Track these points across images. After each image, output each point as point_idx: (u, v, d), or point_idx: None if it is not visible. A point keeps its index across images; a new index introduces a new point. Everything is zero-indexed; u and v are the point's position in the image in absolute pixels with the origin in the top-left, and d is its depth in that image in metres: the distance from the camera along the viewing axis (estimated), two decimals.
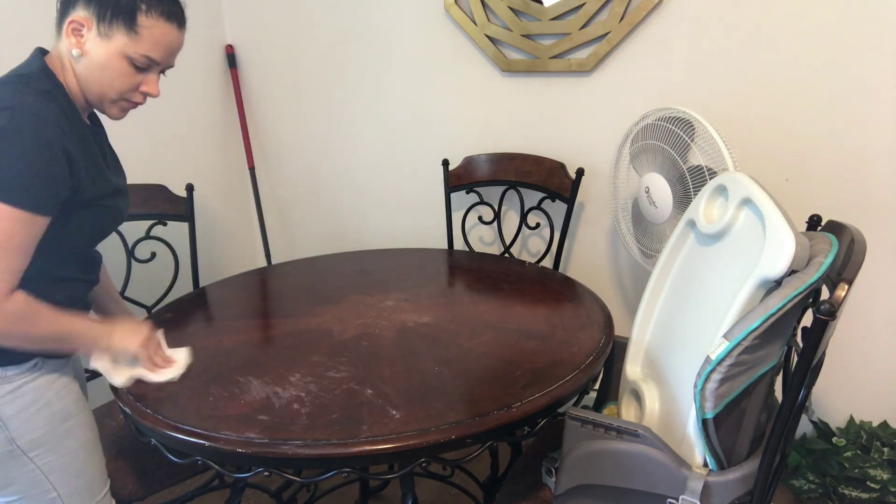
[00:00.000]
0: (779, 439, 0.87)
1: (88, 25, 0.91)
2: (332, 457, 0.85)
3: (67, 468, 0.97)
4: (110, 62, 0.93)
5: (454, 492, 1.77)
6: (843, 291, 0.77)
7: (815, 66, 1.44)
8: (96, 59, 0.92)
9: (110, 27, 0.91)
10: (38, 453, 0.94)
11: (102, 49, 0.92)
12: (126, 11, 0.91)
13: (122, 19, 0.91)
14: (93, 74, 0.93)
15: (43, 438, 0.94)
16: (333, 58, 2.04)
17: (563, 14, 1.66)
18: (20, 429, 0.91)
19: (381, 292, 1.39)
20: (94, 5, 0.91)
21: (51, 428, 0.95)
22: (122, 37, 0.92)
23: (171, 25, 0.96)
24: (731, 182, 1.04)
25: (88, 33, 0.92)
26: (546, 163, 1.75)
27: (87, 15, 0.91)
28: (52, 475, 0.96)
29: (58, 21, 0.94)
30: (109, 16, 0.91)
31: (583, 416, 0.98)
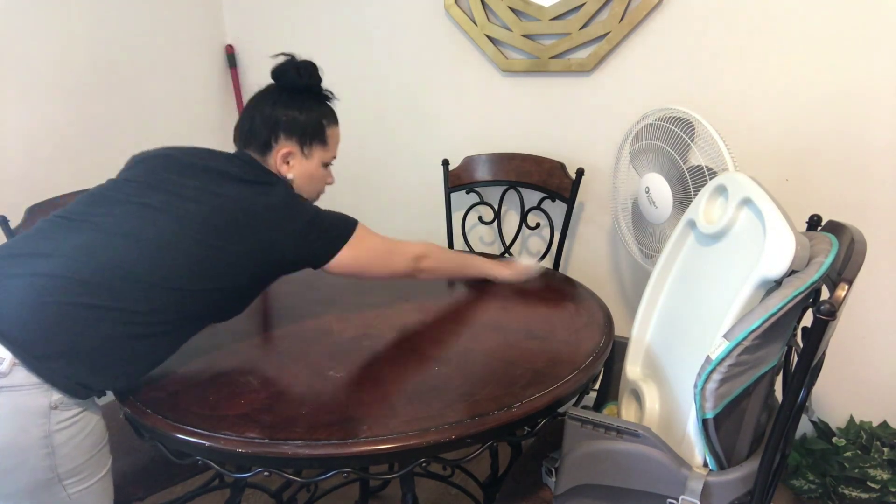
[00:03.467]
0: (779, 439, 0.87)
1: (294, 152, 1.15)
2: (332, 457, 0.85)
3: (94, 494, 0.97)
4: (314, 172, 1.19)
5: (454, 492, 1.77)
6: (844, 291, 0.77)
7: (815, 66, 1.44)
8: (304, 174, 1.18)
9: (311, 148, 1.17)
10: (72, 481, 0.93)
11: (308, 166, 1.18)
12: (319, 132, 1.18)
13: (317, 140, 1.17)
14: (303, 186, 1.18)
15: (81, 466, 0.93)
16: (333, 58, 2.04)
17: (563, 14, 1.66)
18: (66, 457, 0.91)
19: (381, 292, 1.39)
20: (295, 136, 1.15)
21: (89, 456, 0.94)
22: (319, 152, 1.19)
23: (338, 126, 1.23)
24: (731, 182, 1.04)
25: (294, 159, 1.16)
26: (546, 163, 1.75)
27: (291, 144, 1.15)
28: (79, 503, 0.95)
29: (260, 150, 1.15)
30: (309, 141, 1.16)
31: (583, 416, 0.98)
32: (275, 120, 1.14)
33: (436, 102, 1.94)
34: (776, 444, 0.88)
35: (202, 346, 1.15)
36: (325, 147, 1.19)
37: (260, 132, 1.14)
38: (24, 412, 0.85)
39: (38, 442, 0.87)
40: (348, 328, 1.21)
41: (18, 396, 0.85)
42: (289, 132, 1.15)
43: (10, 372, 0.84)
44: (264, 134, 1.14)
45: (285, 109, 1.15)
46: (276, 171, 1.15)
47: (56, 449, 0.89)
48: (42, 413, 0.86)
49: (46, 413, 0.87)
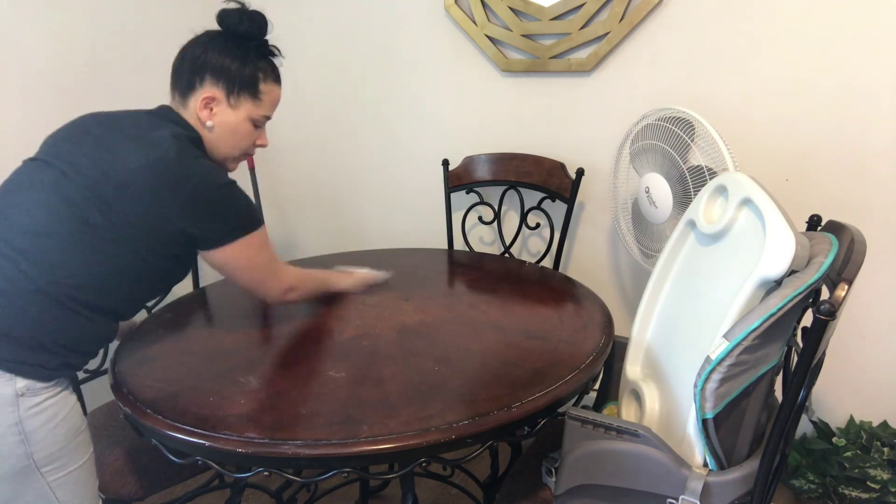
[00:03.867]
0: (779, 439, 0.87)
1: (219, 99, 1.06)
2: (332, 457, 0.85)
3: (74, 483, 0.98)
4: (238, 126, 1.09)
5: (454, 492, 1.77)
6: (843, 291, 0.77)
7: (815, 66, 1.44)
8: (227, 126, 1.08)
9: (238, 98, 1.07)
10: (50, 469, 0.94)
11: (232, 117, 1.08)
12: (251, 83, 1.08)
13: (248, 90, 1.08)
14: (223, 139, 1.09)
15: (58, 453, 0.95)
16: (333, 57, 2.04)
17: (563, 14, 1.66)
18: (41, 443, 0.92)
19: (381, 292, 1.39)
20: (222, 81, 1.06)
21: (64, 443, 0.95)
22: (248, 104, 1.09)
23: (278, 86, 1.14)
24: (731, 182, 1.04)
25: (218, 106, 1.07)
26: (546, 163, 1.75)
27: (216, 90, 1.06)
28: (59, 490, 0.96)
29: (182, 90, 1.07)
30: (237, 89, 1.07)
31: (583, 416, 0.98)
32: (203, 61, 1.05)
33: (436, 102, 1.94)
34: (776, 444, 0.88)
35: (202, 346, 1.15)
36: (258, 102, 1.09)
37: (184, 73, 1.06)
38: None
39: (9, 429, 0.89)
40: (348, 328, 1.21)
41: None
42: (216, 76, 1.05)
43: None
44: (188, 75, 1.05)
45: (219, 54, 1.05)
46: (196, 118, 1.07)
47: (29, 436, 0.90)
48: (9, 401, 0.88)
49: (13, 401, 0.88)
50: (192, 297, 1.43)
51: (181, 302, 1.39)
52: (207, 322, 1.28)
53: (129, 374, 1.06)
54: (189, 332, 1.23)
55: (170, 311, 1.33)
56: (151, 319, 1.30)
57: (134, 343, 1.18)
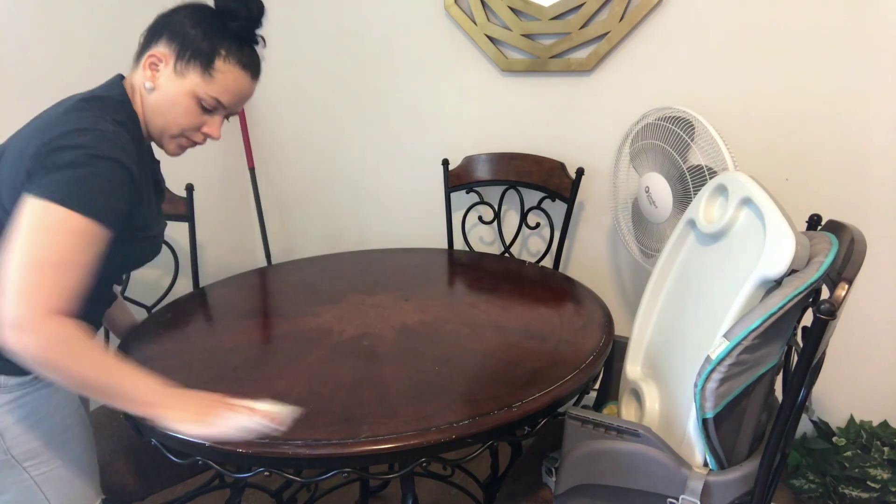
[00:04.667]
0: (779, 439, 0.87)
1: (166, 61, 0.94)
2: (332, 457, 0.85)
3: (61, 480, 0.97)
4: (179, 98, 0.95)
5: (454, 492, 1.77)
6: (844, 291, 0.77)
7: (816, 66, 1.44)
8: (167, 94, 0.95)
9: (186, 66, 0.94)
10: (32, 464, 0.94)
11: (175, 85, 0.95)
12: (205, 54, 0.94)
13: (199, 61, 0.94)
14: (160, 108, 0.96)
15: (39, 449, 0.94)
16: (333, 58, 2.04)
17: (563, 14, 1.66)
18: (17, 439, 0.92)
19: (381, 292, 1.39)
20: (175, 43, 0.94)
21: (47, 440, 0.95)
22: (195, 77, 0.94)
23: (245, 74, 0.98)
24: (731, 182, 1.04)
25: (165, 69, 0.95)
26: (546, 163, 1.75)
27: (167, 51, 0.94)
28: (44, 486, 0.95)
29: (138, 53, 0.97)
30: (188, 55, 0.94)
31: (583, 416, 0.98)
32: (167, 21, 0.95)
33: (436, 102, 1.94)
34: (776, 444, 0.88)
35: (202, 346, 1.16)
36: (207, 79, 0.94)
37: (147, 34, 0.97)
38: None
39: None
40: (348, 328, 1.21)
41: None
42: (172, 37, 0.94)
43: None
44: (148, 33, 0.97)
45: (187, 18, 0.95)
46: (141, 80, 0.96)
47: (3, 431, 0.90)
48: None
49: None
50: (191, 297, 1.43)
51: (181, 302, 1.39)
52: (207, 322, 1.28)
53: None
54: (189, 332, 1.23)
55: (170, 311, 1.33)
56: (151, 319, 1.30)
57: (134, 343, 1.18)
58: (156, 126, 0.98)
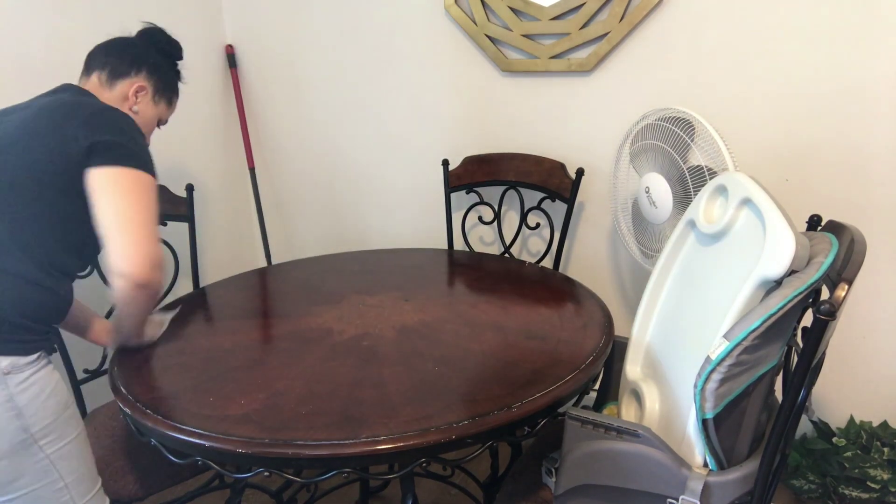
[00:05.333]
0: (779, 439, 0.87)
1: (147, 91, 1.17)
2: (332, 457, 0.85)
3: (72, 455, 1.01)
4: (151, 121, 1.20)
5: (454, 492, 1.77)
6: (844, 291, 0.77)
7: (815, 66, 1.44)
8: (144, 117, 1.18)
9: (161, 98, 1.21)
10: (47, 441, 0.97)
11: (150, 111, 1.19)
12: (172, 90, 1.24)
13: (168, 95, 1.22)
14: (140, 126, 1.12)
15: (52, 425, 0.97)
16: (333, 58, 2.04)
17: (563, 14, 1.66)
18: (34, 416, 0.95)
19: (381, 292, 1.39)
20: (154, 78, 1.18)
21: (57, 415, 0.98)
22: (164, 106, 1.22)
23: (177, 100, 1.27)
24: (731, 182, 1.04)
25: (144, 97, 1.17)
26: (546, 163, 1.75)
27: (148, 84, 1.17)
28: (59, 463, 0.99)
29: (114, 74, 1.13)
30: (163, 89, 1.21)
31: (583, 416, 0.98)
32: (146, 55, 1.17)
33: (436, 102, 1.94)
34: (776, 444, 0.88)
35: (202, 347, 1.16)
36: (170, 108, 1.25)
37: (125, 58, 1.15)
38: None
39: (2, 406, 0.91)
40: (348, 328, 1.21)
41: None
42: (152, 72, 1.18)
43: None
44: (129, 61, 1.15)
45: (159, 56, 1.20)
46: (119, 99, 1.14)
47: (22, 410, 0.93)
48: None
49: (1, 379, 0.91)
50: (191, 297, 1.43)
51: (181, 302, 1.39)
52: (207, 322, 1.28)
53: (129, 375, 1.06)
54: (189, 332, 1.23)
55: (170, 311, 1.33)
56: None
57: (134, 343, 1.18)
58: None
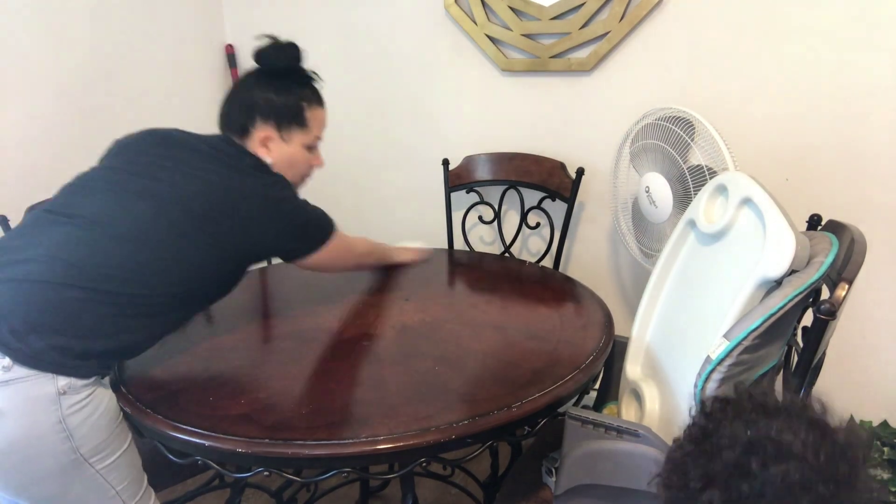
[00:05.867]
0: None
1: (272, 136, 1.12)
2: (332, 457, 0.85)
3: (122, 466, 0.99)
4: (295, 156, 1.16)
5: (454, 492, 1.77)
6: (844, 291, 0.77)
7: (816, 66, 1.44)
8: (284, 158, 1.14)
9: (289, 132, 1.14)
10: (97, 458, 0.95)
11: (288, 149, 1.14)
12: (297, 115, 1.14)
13: (296, 122, 1.14)
14: (283, 171, 1.13)
15: (102, 444, 0.95)
16: (333, 58, 2.04)
17: (563, 14, 1.66)
18: (85, 437, 0.93)
19: (380, 292, 1.39)
20: (272, 120, 1.12)
21: (108, 433, 0.96)
22: (299, 135, 1.15)
23: (322, 107, 1.19)
24: (731, 182, 1.04)
25: (273, 143, 1.13)
26: (546, 162, 1.75)
27: (269, 128, 1.12)
28: (110, 476, 0.97)
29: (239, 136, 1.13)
30: (286, 123, 1.13)
31: (583, 416, 0.98)
32: (251, 103, 1.11)
33: (436, 102, 1.94)
34: None
35: (202, 346, 1.15)
36: (306, 130, 1.16)
37: (237, 118, 1.12)
38: (33, 401, 0.87)
39: (53, 427, 0.89)
40: (348, 328, 1.21)
41: (25, 387, 0.87)
42: (265, 115, 1.11)
43: (12, 366, 0.86)
44: (241, 119, 1.12)
45: (263, 92, 1.12)
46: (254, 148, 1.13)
47: (73, 432, 0.91)
48: (51, 400, 0.88)
49: (55, 399, 0.89)
50: None
51: None
52: (207, 322, 1.28)
53: (130, 374, 1.06)
54: (189, 332, 1.23)
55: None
56: None
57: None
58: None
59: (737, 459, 0.52)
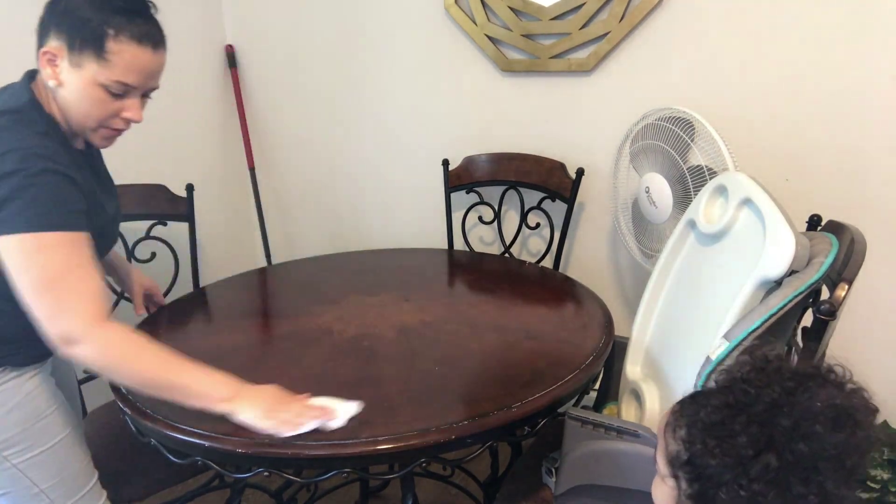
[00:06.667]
0: None
1: (61, 55, 0.89)
2: (332, 457, 0.85)
3: (46, 464, 0.98)
4: (85, 91, 0.90)
5: (454, 492, 1.77)
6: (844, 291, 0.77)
7: (816, 66, 1.44)
8: (72, 89, 0.91)
9: (80, 56, 0.88)
10: (11, 452, 0.95)
11: (76, 78, 0.90)
12: (94, 39, 0.88)
13: (90, 47, 0.88)
14: (71, 104, 0.92)
15: (15, 439, 0.95)
16: (333, 58, 2.04)
17: (563, 14, 1.66)
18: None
19: (381, 292, 1.39)
20: (64, 35, 0.88)
21: (23, 428, 0.96)
22: (92, 65, 0.89)
23: (143, 48, 0.91)
24: (731, 182, 1.04)
25: (62, 63, 0.89)
26: (546, 163, 1.75)
27: (59, 44, 0.89)
28: (30, 472, 0.97)
29: (40, 35, 0.92)
30: (79, 44, 0.88)
31: (583, 416, 0.98)
32: (52, 11, 0.90)
33: (436, 102, 1.94)
34: None
35: (202, 346, 1.16)
36: (104, 64, 0.88)
37: (38, 27, 0.91)
38: None
39: None
40: (348, 328, 1.21)
41: None
42: (59, 28, 0.88)
43: None
44: (40, 28, 0.91)
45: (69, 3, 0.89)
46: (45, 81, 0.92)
47: None
48: None
49: None
50: (191, 296, 1.43)
51: (181, 302, 1.39)
52: (207, 322, 1.28)
53: None
54: (189, 332, 1.23)
55: (170, 311, 1.33)
56: (151, 319, 1.29)
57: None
58: (74, 122, 0.94)
59: (795, 423, 0.52)
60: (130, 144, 1.87)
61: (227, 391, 0.89)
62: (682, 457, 0.59)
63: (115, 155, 1.83)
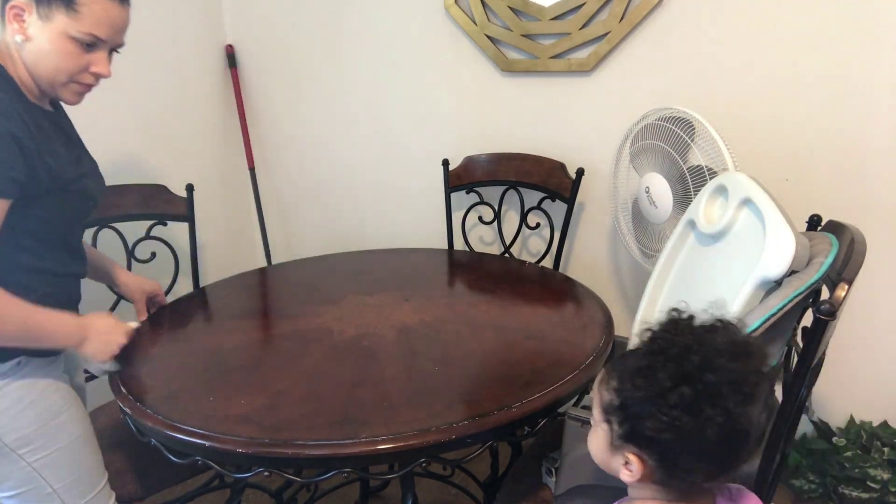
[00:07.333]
0: (779, 439, 0.87)
1: (29, 9, 0.89)
2: (332, 457, 0.85)
3: (60, 464, 0.98)
4: (54, 44, 0.91)
5: (454, 492, 1.77)
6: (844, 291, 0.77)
7: (815, 66, 1.44)
8: (40, 43, 0.91)
9: (49, 8, 0.89)
10: (27, 451, 0.95)
11: (45, 31, 0.90)
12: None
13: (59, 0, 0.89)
14: (39, 59, 0.92)
15: (31, 436, 0.95)
16: (333, 58, 2.04)
17: (563, 14, 1.66)
18: (5, 427, 0.92)
19: (381, 292, 1.39)
20: None
21: (38, 426, 0.96)
22: (62, 17, 0.90)
23: (112, 1, 0.93)
24: (731, 182, 1.04)
25: (30, 17, 0.90)
26: (546, 163, 1.75)
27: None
28: (44, 471, 0.97)
29: (0, 7, 0.92)
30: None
31: (583, 416, 0.98)
32: None
33: (436, 102, 1.94)
34: (776, 444, 0.88)
35: (202, 346, 1.16)
36: (74, 16, 0.89)
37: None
38: None
39: None
40: (348, 328, 1.21)
41: None
42: None
43: None
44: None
45: None
46: (7, 38, 0.92)
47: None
48: None
49: None
50: (192, 297, 1.43)
51: (181, 302, 1.39)
52: (207, 322, 1.28)
53: (129, 375, 1.06)
54: (189, 332, 1.23)
55: (170, 311, 1.33)
56: (151, 319, 1.30)
57: (134, 343, 1.18)
58: (43, 79, 0.94)
59: (703, 359, 0.65)
60: (130, 144, 1.87)
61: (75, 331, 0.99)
62: (614, 403, 0.70)
63: (115, 155, 1.83)
